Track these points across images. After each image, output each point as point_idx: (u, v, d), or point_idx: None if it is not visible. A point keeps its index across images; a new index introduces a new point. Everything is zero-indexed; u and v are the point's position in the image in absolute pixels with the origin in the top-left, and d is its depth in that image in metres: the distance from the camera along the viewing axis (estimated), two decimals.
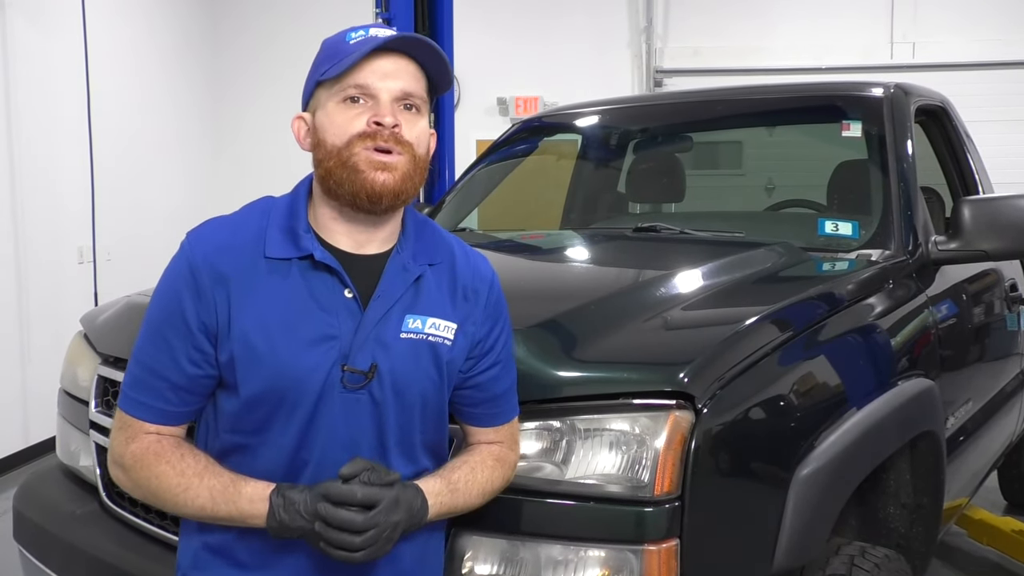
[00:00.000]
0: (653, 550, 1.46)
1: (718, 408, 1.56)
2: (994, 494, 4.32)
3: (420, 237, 1.47)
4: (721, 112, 3.36)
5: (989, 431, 2.93)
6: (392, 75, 1.37)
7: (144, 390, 1.38)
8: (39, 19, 5.48)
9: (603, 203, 3.74)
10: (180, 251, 1.40)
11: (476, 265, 1.52)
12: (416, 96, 1.39)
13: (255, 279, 1.36)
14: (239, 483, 1.33)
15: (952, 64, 7.18)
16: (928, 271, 2.55)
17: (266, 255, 1.37)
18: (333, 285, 1.37)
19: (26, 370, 5.35)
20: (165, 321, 1.37)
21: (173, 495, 1.34)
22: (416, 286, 1.42)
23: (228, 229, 1.41)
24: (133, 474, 1.37)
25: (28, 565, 2.17)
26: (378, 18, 4.77)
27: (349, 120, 1.36)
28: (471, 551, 1.56)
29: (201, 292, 1.35)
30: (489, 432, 1.52)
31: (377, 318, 1.37)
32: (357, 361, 1.35)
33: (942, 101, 3.28)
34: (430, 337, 1.40)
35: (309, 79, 1.43)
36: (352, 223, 1.40)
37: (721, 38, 7.68)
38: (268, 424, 1.36)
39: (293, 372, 1.33)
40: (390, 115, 1.35)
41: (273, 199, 1.46)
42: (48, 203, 5.54)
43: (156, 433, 1.38)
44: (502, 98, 7.85)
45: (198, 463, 1.35)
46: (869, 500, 2.17)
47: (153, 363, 1.37)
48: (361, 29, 1.40)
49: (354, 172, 1.34)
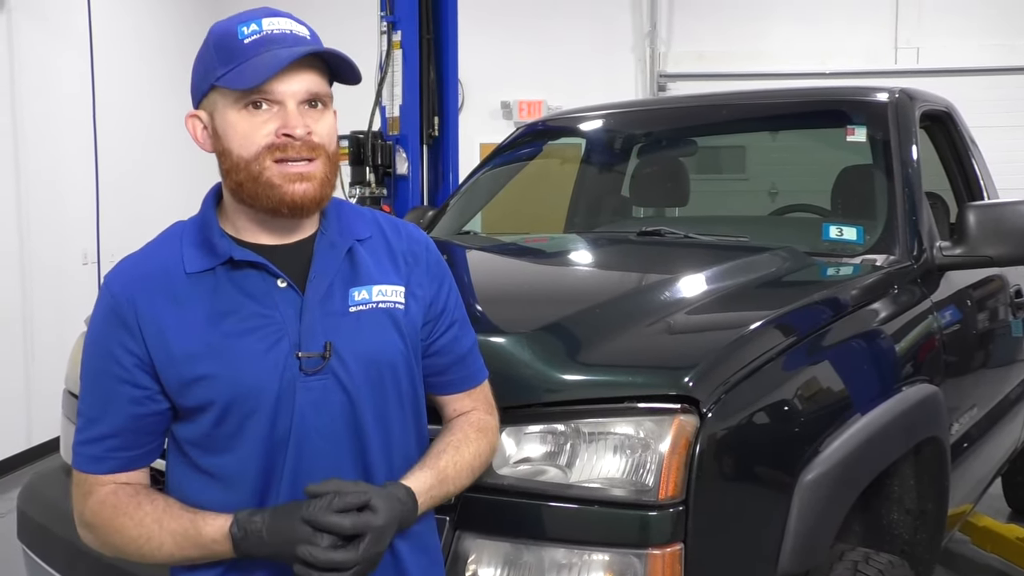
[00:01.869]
0: (657, 554, 1.46)
1: (723, 412, 1.56)
2: (998, 501, 4.30)
3: (340, 217, 1.41)
4: (725, 116, 3.36)
5: (994, 437, 2.92)
6: (296, 77, 1.28)
7: (92, 443, 1.32)
8: (45, 22, 5.50)
9: (607, 207, 3.74)
10: (100, 294, 1.35)
11: (408, 231, 1.48)
12: (322, 94, 1.31)
13: (182, 299, 1.30)
14: (198, 523, 1.27)
15: (957, 69, 7.17)
16: (933, 277, 2.54)
17: (187, 272, 1.31)
18: (264, 279, 1.32)
19: (30, 370, 5.35)
20: (99, 368, 1.32)
21: (138, 547, 1.28)
22: (350, 259, 1.37)
23: (142, 258, 1.37)
24: (97, 532, 1.32)
25: (32, 565, 2.17)
26: (383, 21, 4.76)
27: (254, 129, 1.27)
28: (475, 554, 1.55)
29: (128, 328, 1.30)
30: (463, 398, 1.49)
31: (318, 298, 1.32)
32: (309, 345, 1.30)
33: (947, 106, 3.28)
34: (381, 304, 1.36)
35: (200, 76, 1.33)
36: (272, 222, 1.34)
37: (725, 42, 7.69)
38: (237, 436, 1.30)
39: (249, 378, 1.28)
40: (300, 124, 1.27)
41: (183, 222, 1.41)
42: (53, 205, 5.55)
43: (112, 483, 1.32)
44: (506, 102, 7.85)
45: (156, 508, 1.29)
46: (873, 506, 2.16)
47: (98, 413, 1.32)
48: (252, 21, 1.30)
49: (269, 187, 1.28)
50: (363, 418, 1.33)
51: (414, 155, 4.76)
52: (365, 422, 1.34)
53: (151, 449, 1.35)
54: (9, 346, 5.23)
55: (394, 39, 4.72)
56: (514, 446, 1.59)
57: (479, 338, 1.55)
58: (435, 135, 4.89)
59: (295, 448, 1.31)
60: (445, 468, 1.39)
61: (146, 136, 6.66)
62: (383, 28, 4.75)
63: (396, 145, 4.71)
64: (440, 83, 4.92)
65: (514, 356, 1.68)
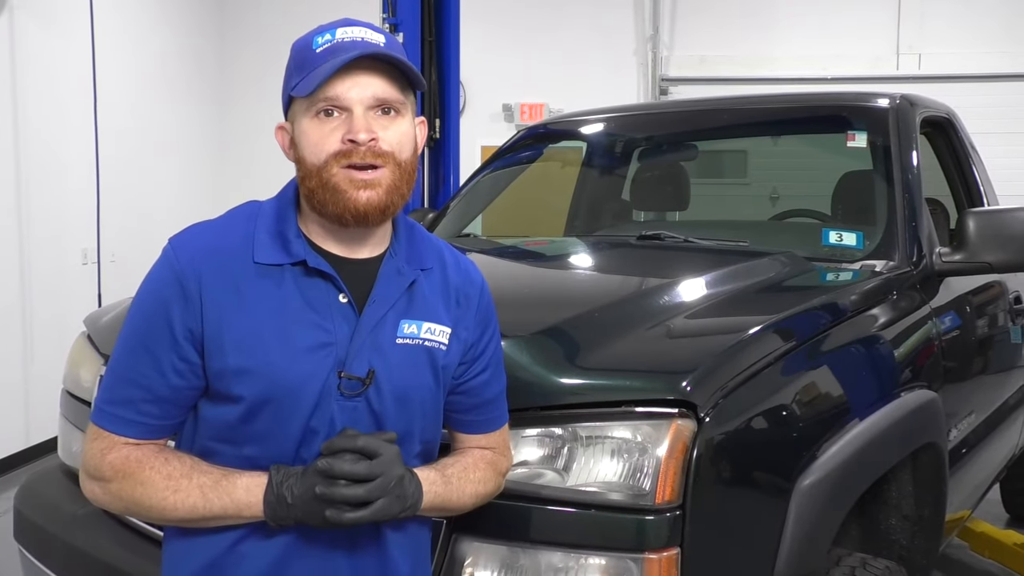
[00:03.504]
0: (654, 559, 1.46)
1: (720, 417, 1.56)
2: (996, 507, 4.30)
3: (411, 241, 1.43)
4: (726, 121, 3.37)
5: (992, 443, 2.92)
6: (362, 84, 1.30)
7: (123, 404, 1.31)
8: (48, 22, 5.51)
9: (607, 211, 3.74)
10: (163, 257, 1.34)
11: (467, 270, 1.49)
12: (392, 99, 1.32)
13: (245, 285, 1.31)
14: (231, 475, 1.29)
15: (958, 76, 7.17)
16: (932, 283, 2.54)
17: (255, 260, 1.32)
18: (327, 290, 1.33)
19: (29, 370, 5.35)
20: (148, 330, 1.31)
21: (161, 498, 1.28)
22: (410, 291, 1.38)
23: (213, 233, 1.36)
24: (114, 485, 1.31)
25: (28, 565, 2.17)
26: (385, 24, 4.77)
27: (323, 138, 1.30)
28: (471, 557, 1.55)
29: (188, 298, 1.29)
30: (480, 439, 1.50)
31: (373, 323, 1.33)
32: (354, 367, 1.31)
33: (948, 113, 3.28)
34: (426, 342, 1.37)
35: (284, 89, 1.37)
36: (341, 232, 1.36)
37: (727, 47, 7.69)
38: (265, 435, 1.31)
39: (290, 380, 1.29)
40: (364, 130, 1.28)
41: (259, 203, 1.41)
42: (53, 204, 5.55)
43: (135, 443, 1.32)
44: (507, 104, 7.86)
45: (183, 464, 1.30)
46: (871, 511, 2.16)
47: (135, 375, 1.31)
48: (327, 31, 1.33)
49: (335, 193, 1.29)
50: None
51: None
52: None
53: (176, 423, 1.36)
54: (8, 346, 5.23)
55: None
56: (512, 449, 1.59)
57: None
58: (436, 137, 4.90)
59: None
60: (451, 475, 1.41)
61: (147, 137, 6.67)
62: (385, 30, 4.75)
63: None
64: (442, 85, 4.93)
65: (512, 359, 1.67)
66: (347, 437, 1.28)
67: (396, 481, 1.28)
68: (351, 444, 1.27)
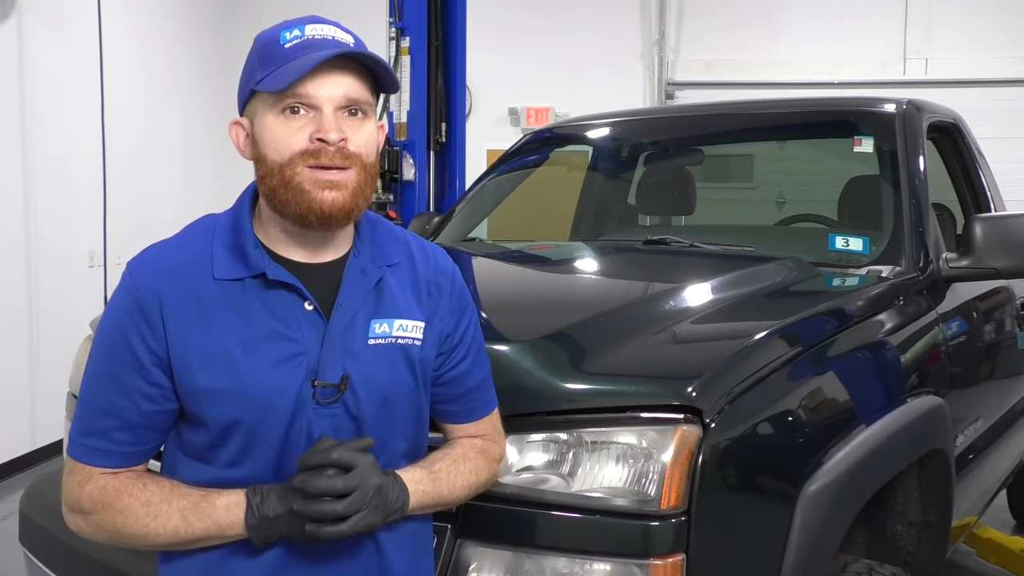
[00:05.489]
0: (659, 564, 1.46)
1: (726, 423, 1.55)
2: (1003, 513, 4.28)
3: (375, 238, 1.40)
4: (732, 126, 3.36)
5: (999, 449, 2.91)
6: (333, 82, 1.26)
7: (95, 435, 1.29)
8: (55, 25, 5.53)
9: (613, 215, 3.74)
10: (122, 282, 1.31)
11: (436, 260, 1.45)
12: (361, 101, 1.29)
13: (207, 303, 1.28)
14: (210, 496, 1.27)
15: (965, 81, 7.17)
16: (939, 288, 2.53)
17: (215, 277, 1.29)
18: (291, 300, 1.30)
19: (35, 373, 5.37)
20: (113, 358, 1.29)
21: (142, 526, 1.26)
22: (378, 289, 1.35)
23: (171, 253, 1.33)
24: (95, 517, 1.29)
25: (33, 568, 2.17)
26: (391, 27, 4.78)
27: (290, 135, 1.26)
28: (476, 562, 1.55)
29: (150, 322, 1.27)
30: (470, 428, 1.48)
31: (342, 327, 1.30)
32: (327, 375, 1.29)
33: (954, 118, 3.27)
34: (399, 340, 1.34)
35: (243, 82, 1.33)
36: (303, 236, 1.33)
37: (733, 52, 7.69)
38: (242, 454, 1.29)
39: (262, 395, 1.26)
40: (334, 129, 1.25)
41: (215, 216, 1.38)
42: (60, 207, 5.57)
43: (112, 472, 1.30)
44: (513, 108, 7.87)
45: (162, 488, 1.28)
46: (877, 517, 2.15)
47: (105, 404, 1.29)
48: (296, 27, 1.30)
49: (299, 192, 1.26)
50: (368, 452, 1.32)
51: (421, 161, 4.77)
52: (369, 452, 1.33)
53: (153, 446, 1.34)
54: (14, 348, 5.24)
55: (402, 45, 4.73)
56: (516, 454, 1.59)
57: None
58: (442, 141, 4.91)
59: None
60: (439, 471, 1.39)
61: (154, 139, 6.69)
62: (391, 34, 4.77)
63: (403, 151, 4.72)
64: (448, 89, 4.93)
65: (517, 364, 1.67)
66: (321, 451, 1.24)
67: (374, 492, 1.25)
68: (325, 459, 1.23)
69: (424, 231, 3.46)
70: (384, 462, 1.34)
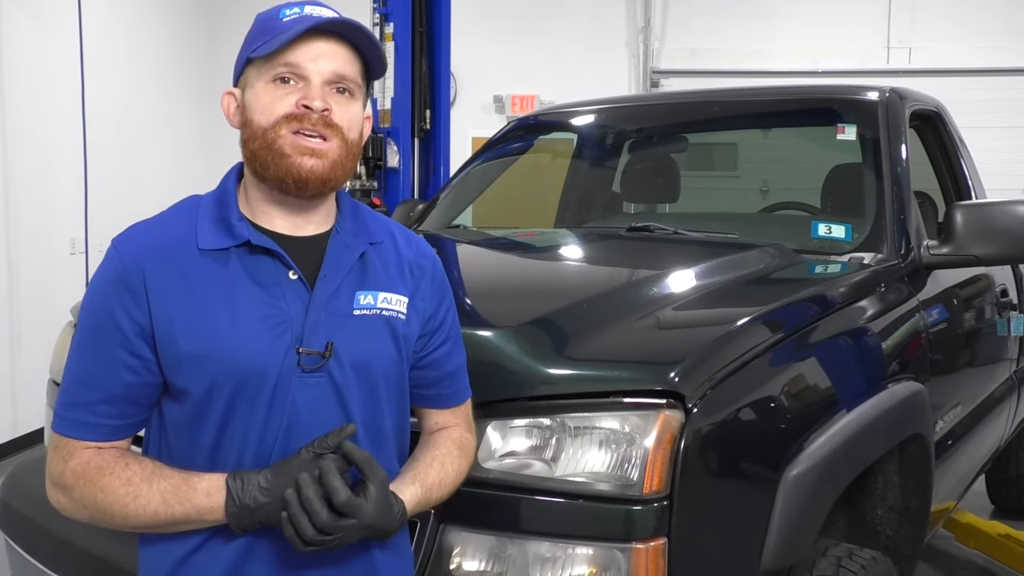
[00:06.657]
0: (641, 548, 1.46)
1: (708, 408, 1.56)
2: (981, 498, 4.33)
3: (357, 218, 1.42)
4: (717, 113, 3.37)
5: (977, 435, 2.94)
6: (325, 56, 1.31)
7: (80, 408, 1.30)
8: (36, 12, 5.46)
9: (598, 202, 3.74)
10: (106, 257, 1.33)
11: (418, 243, 1.49)
12: (349, 79, 1.34)
13: (191, 273, 1.30)
14: (191, 479, 1.26)
15: (948, 70, 7.20)
16: (920, 275, 2.55)
17: (200, 247, 1.31)
18: (276, 268, 1.32)
19: (16, 361, 5.33)
20: (98, 331, 1.30)
21: (122, 505, 1.26)
22: (362, 263, 1.38)
23: (155, 229, 1.35)
24: (76, 492, 1.29)
25: (14, 555, 2.16)
26: (375, 13, 4.75)
27: (277, 100, 1.30)
28: (459, 547, 1.56)
29: (134, 293, 1.29)
30: (447, 414, 1.50)
31: (327, 296, 1.32)
32: (311, 342, 1.30)
33: (936, 106, 3.29)
34: (384, 312, 1.37)
35: (240, 54, 1.37)
36: (285, 205, 1.35)
37: (719, 40, 7.69)
38: (226, 421, 1.29)
39: (246, 361, 1.27)
40: (320, 99, 1.30)
41: (199, 196, 1.40)
42: (41, 193, 5.52)
43: (96, 448, 1.30)
44: (498, 96, 7.85)
45: (144, 469, 1.28)
46: (857, 502, 2.17)
47: (89, 377, 1.30)
48: (296, 6, 1.35)
49: (279, 156, 1.29)
50: (352, 419, 1.33)
51: (405, 148, 4.75)
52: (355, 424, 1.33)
53: (138, 421, 1.35)
54: None
55: (386, 31, 4.71)
56: (499, 440, 1.59)
57: (466, 331, 1.55)
58: (426, 128, 4.89)
59: (283, 443, 1.30)
60: (432, 484, 1.40)
61: (136, 125, 6.63)
62: (375, 20, 4.74)
63: (387, 138, 4.71)
64: (432, 76, 4.91)
65: (501, 350, 1.68)
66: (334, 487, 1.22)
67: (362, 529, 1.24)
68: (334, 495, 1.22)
69: (408, 218, 3.46)
70: (372, 439, 1.35)
